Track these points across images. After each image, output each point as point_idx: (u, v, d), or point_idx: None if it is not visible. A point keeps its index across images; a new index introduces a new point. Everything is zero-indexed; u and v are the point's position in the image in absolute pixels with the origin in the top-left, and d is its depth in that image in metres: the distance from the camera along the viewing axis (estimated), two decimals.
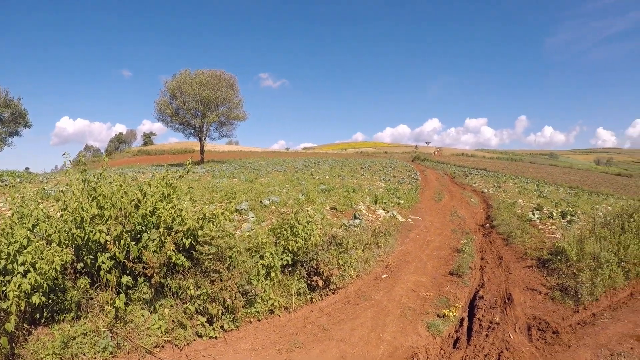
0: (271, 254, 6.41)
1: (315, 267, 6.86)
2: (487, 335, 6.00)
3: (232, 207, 6.20)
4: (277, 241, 6.94)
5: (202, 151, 51.60)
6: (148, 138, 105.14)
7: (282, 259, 6.52)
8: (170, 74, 47.56)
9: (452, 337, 6.19)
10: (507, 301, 7.24)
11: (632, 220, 10.01)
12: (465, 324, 6.58)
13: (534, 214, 13.78)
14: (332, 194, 14.13)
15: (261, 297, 6.06)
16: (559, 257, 8.60)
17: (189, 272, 5.61)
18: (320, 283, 6.72)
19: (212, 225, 5.75)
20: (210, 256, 5.68)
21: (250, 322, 5.86)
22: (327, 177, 22.82)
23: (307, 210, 8.85)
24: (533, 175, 54.43)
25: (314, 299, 6.71)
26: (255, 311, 5.94)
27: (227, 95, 46.74)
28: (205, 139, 50.07)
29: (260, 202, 11.14)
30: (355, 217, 11.06)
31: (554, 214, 14.07)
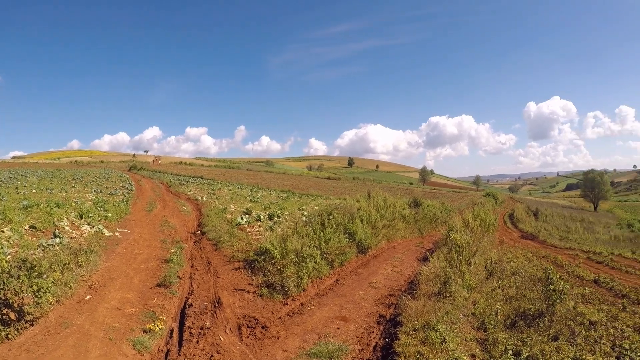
0: None
1: (3, 298, 6.18)
2: (197, 342, 6.32)
3: None
4: None
5: None
6: None
7: None
8: None
9: (163, 350, 6.21)
10: (217, 305, 7.70)
11: (331, 217, 12.19)
12: (176, 334, 6.73)
13: (242, 218, 15.14)
14: (34, 210, 12.68)
15: None
16: (263, 257, 9.72)
17: None
18: (13, 316, 6.13)
19: None
20: None
21: None
22: (33, 190, 21.72)
23: (3, 232, 8.10)
24: (249, 181, 59.49)
25: (10, 335, 6.03)
26: None
27: None
28: None
29: None
30: (55, 236, 10.17)
31: (262, 216, 15.83)
